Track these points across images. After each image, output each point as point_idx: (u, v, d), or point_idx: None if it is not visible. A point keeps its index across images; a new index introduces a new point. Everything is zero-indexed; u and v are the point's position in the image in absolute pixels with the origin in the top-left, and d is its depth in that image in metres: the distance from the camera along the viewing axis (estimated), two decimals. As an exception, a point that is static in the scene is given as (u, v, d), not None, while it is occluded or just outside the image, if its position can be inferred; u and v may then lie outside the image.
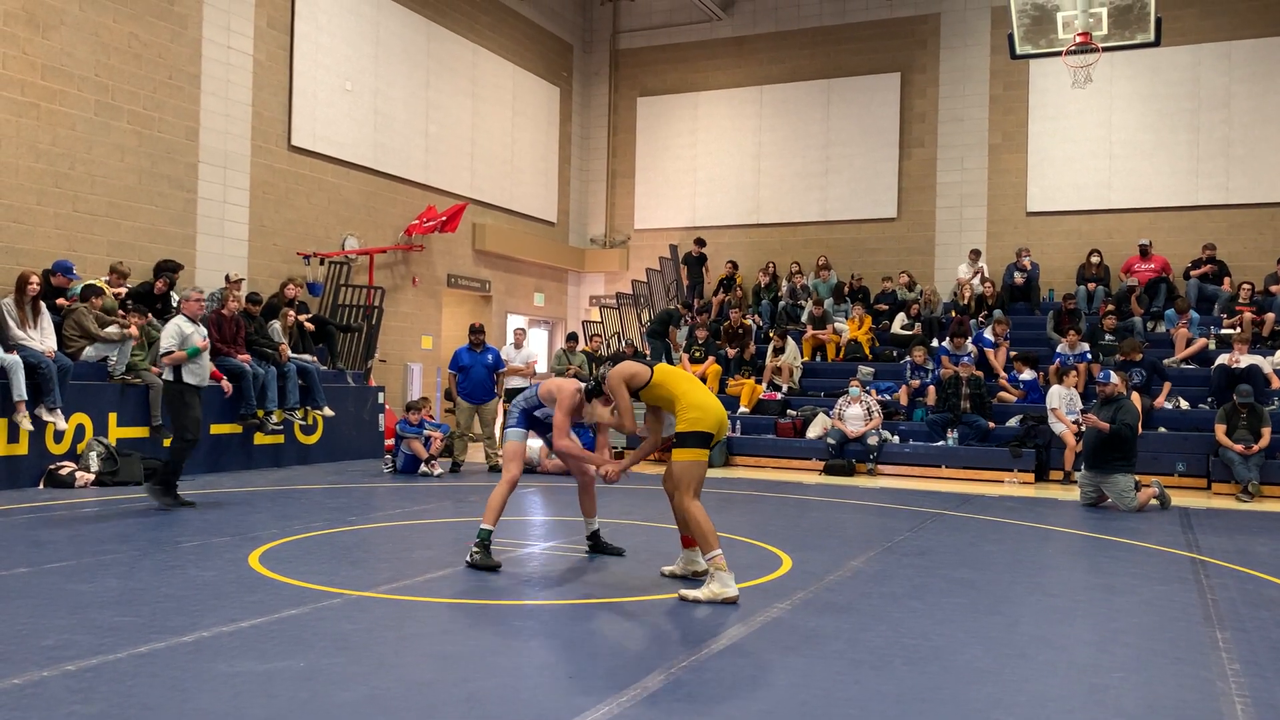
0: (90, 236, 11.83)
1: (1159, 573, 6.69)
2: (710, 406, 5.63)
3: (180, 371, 8.53)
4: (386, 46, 16.12)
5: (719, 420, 5.64)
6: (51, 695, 3.63)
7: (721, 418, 5.67)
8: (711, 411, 5.61)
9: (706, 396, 5.70)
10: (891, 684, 4.03)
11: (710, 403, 5.65)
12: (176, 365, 8.51)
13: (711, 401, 5.68)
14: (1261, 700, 3.92)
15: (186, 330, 8.54)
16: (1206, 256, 16.27)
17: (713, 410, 5.62)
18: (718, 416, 5.64)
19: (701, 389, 5.76)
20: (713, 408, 5.64)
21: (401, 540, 7.35)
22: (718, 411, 5.65)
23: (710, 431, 5.59)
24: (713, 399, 5.71)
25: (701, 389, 5.76)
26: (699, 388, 5.76)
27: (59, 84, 11.50)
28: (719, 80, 20.28)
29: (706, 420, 5.57)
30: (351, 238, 15.40)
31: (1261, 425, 11.69)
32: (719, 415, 5.65)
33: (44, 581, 5.50)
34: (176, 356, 8.49)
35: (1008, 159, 18.18)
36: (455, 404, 12.57)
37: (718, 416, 5.64)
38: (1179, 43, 16.88)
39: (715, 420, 5.62)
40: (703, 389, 5.77)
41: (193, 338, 8.55)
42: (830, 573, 6.31)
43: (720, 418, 5.66)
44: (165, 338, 8.58)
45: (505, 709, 3.62)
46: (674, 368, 5.98)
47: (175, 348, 8.50)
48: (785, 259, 19.06)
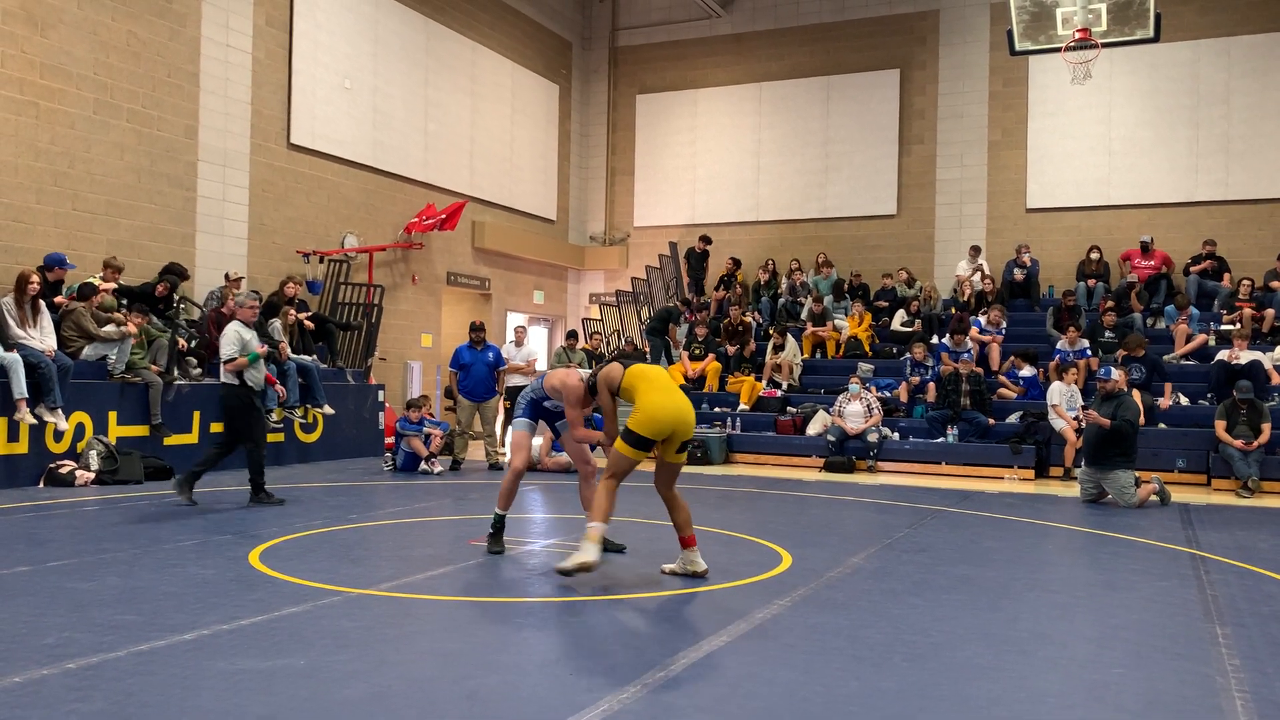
0: (89, 235, 11.83)
1: (1159, 569, 6.69)
2: (660, 417, 5.63)
3: (242, 377, 8.64)
4: (385, 44, 16.11)
5: (669, 427, 5.66)
6: (52, 693, 3.63)
7: (674, 424, 5.66)
8: (660, 420, 5.63)
9: (661, 404, 5.67)
10: (891, 680, 4.03)
11: (661, 413, 5.64)
12: (239, 371, 8.61)
13: (665, 411, 5.65)
14: (1261, 696, 3.93)
15: (245, 336, 8.68)
16: (1206, 252, 16.26)
17: (662, 419, 5.63)
18: (668, 424, 5.65)
19: (661, 394, 5.73)
20: (663, 417, 5.64)
21: (402, 538, 7.36)
22: (669, 419, 5.65)
23: (649, 437, 5.66)
24: (668, 406, 5.67)
25: (661, 394, 5.73)
26: (661, 393, 5.73)
27: (58, 82, 11.49)
28: (718, 77, 20.27)
29: (650, 427, 5.63)
30: (351, 236, 15.40)
31: (1261, 421, 11.69)
32: (670, 422, 5.65)
33: (44, 580, 5.51)
34: (239, 363, 8.58)
35: (1007, 155, 18.17)
36: (456, 402, 12.57)
37: (668, 424, 5.65)
38: (1178, 38, 16.87)
39: (661, 428, 5.65)
40: (663, 394, 5.73)
41: (251, 343, 8.69)
42: (830, 569, 6.32)
43: (671, 425, 5.66)
44: (226, 345, 8.65)
45: (506, 706, 3.63)
46: (648, 368, 5.95)
47: (237, 354, 8.59)
48: (785, 256, 19.05)
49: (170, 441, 11.02)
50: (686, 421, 5.74)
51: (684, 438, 5.78)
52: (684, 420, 5.72)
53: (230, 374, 8.63)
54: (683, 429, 5.74)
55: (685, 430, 5.75)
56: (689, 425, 5.76)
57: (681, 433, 5.74)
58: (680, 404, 5.73)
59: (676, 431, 5.71)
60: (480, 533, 7.45)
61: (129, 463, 10.17)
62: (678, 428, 5.71)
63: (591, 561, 5.53)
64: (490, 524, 6.68)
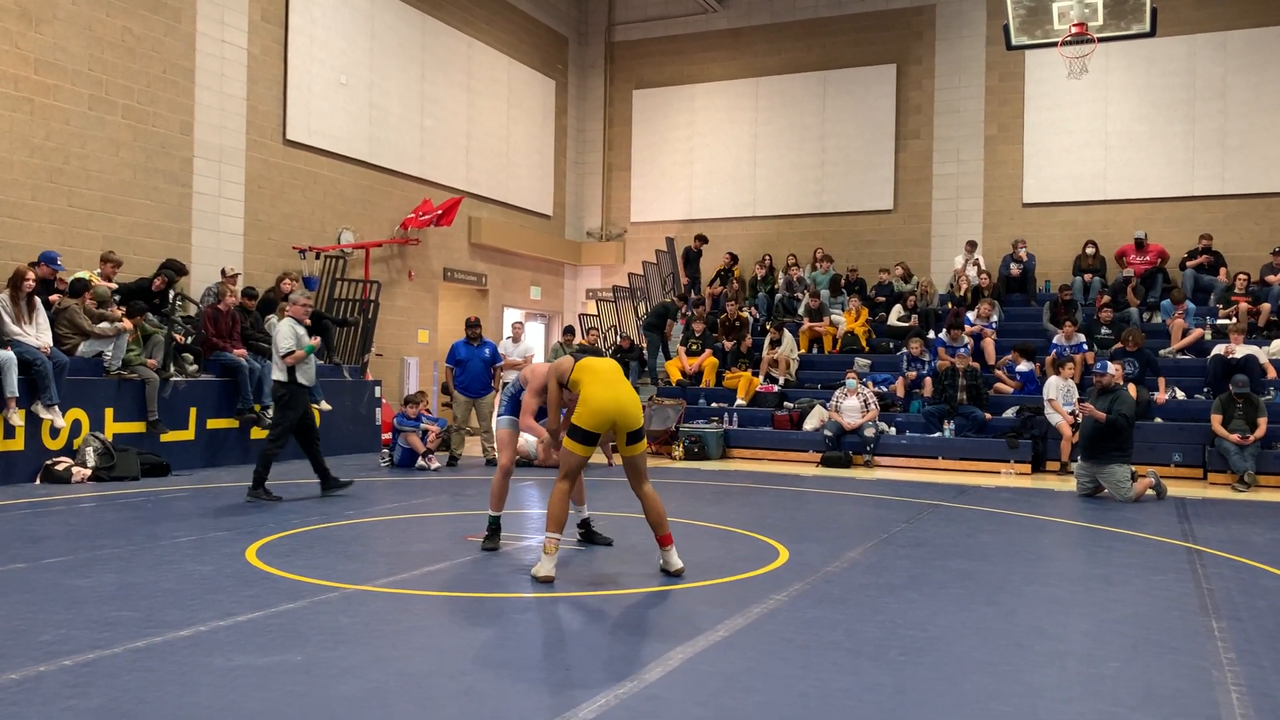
0: (85, 231, 11.81)
1: (1155, 563, 6.71)
2: (598, 408, 5.65)
3: (294, 372, 8.78)
4: (381, 40, 16.08)
5: (608, 418, 5.66)
6: (48, 690, 3.63)
7: (613, 414, 5.66)
8: (598, 412, 5.65)
9: (600, 395, 5.68)
10: (888, 675, 4.04)
11: (599, 404, 5.65)
12: (292, 366, 8.79)
13: (603, 402, 5.66)
14: (1257, 689, 3.94)
15: (299, 331, 8.86)
16: (1202, 247, 16.28)
17: (600, 411, 5.65)
18: (607, 415, 5.65)
19: (602, 387, 5.73)
20: (601, 409, 5.65)
21: (399, 534, 7.36)
22: (608, 411, 5.65)
23: (590, 430, 5.67)
24: (606, 398, 5.68)
25: (602, 387, 5.73)
26: (602, 385, 5.74)
27: (52, 78, 11.47)
28: (715, 72, 20.26)
29: (589, 419, 5.65)
30: (347, 232, 15.38)
31: (1258, 415, 11.71)
32: (609, 413, 5.65)
33: (41, 577, 5.50)
34: (297, 356, 8.76)
35: (1004, 150, 18.17)
36: (452, 398, 12.57)
37: (607, 415, 5.65)
38: (1174, 33, 16.87)
39: (595, 419, 5.65)
40: (604, 387, 5.73)
41: (304, 338, 8.86)
42: (827, 564, 6.32)
43: (611, 415, 5.65)
44: (283, 340, 8.79)
45: (503, 701, 3.63)
46: (597, 362, 5.95)
47: (295, 348, 8.75)
48: (781, 251, 19.04)
49: (167, 438, 11.01)
50: (626, 412, 5.70)
51: (628, 428, 5.72)
52: (624, 411, 5.69)
53: (283, 369, 8.78)
54: (624, 420, 5.70)
55: (626, 421, 5.70)
56: (629, 416, 5.71)
57: (624, 423, 5.70)
58: (620, 395, 5.72)
59: (618, 422, 5.68)
60: (478, 529, 7.46)
61: (125, 459, 10.16)
62: (618, 418, 5.68)
63: (547, 576, 5.53)
64: (486, 526, 6.69)
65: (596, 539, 6.81)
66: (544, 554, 5.60)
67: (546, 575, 5.54)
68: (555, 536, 5.62)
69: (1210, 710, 3.69)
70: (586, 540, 6.81)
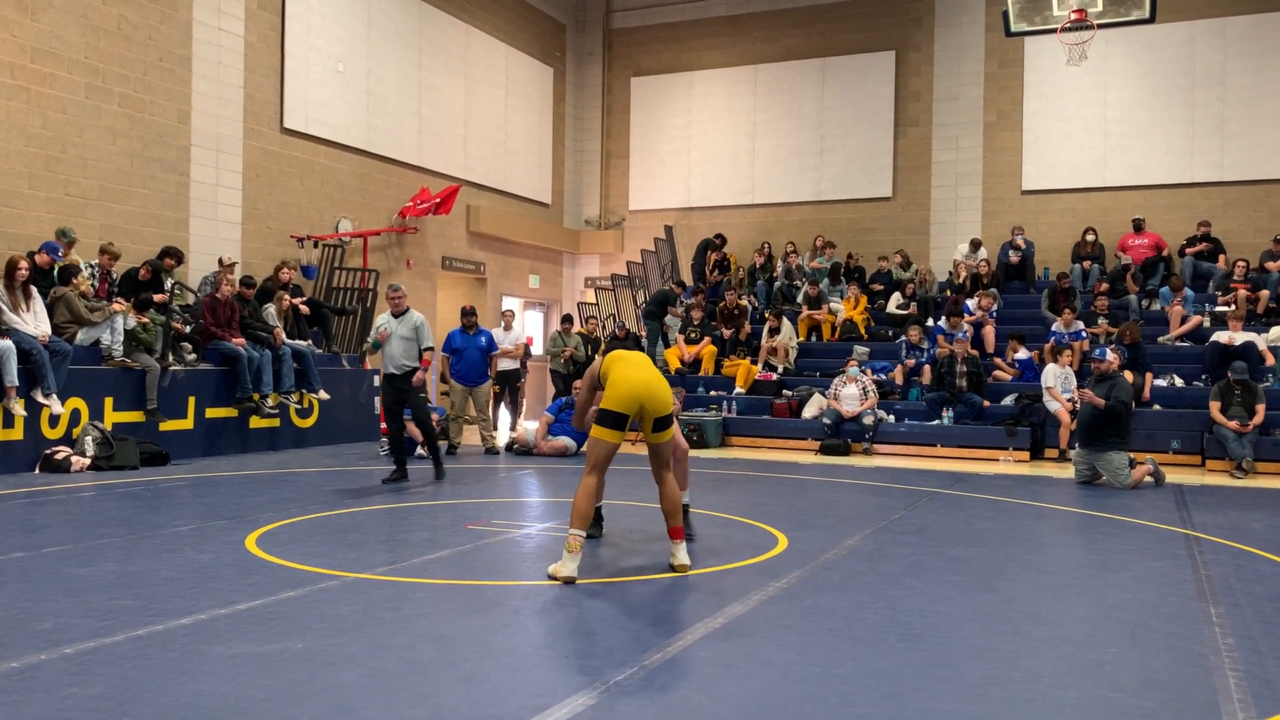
0: (82, 220, 11.78)
1: (1153, 549, 6.72)
2: (624, 389, 5.54)
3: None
4: (378, 27, 16.02)
5: (635, 399, 5.55)
6: (49, 678, 3.64)
7: (640, 396, 5.55)
8: (624, 393, 5.54)
9: (627, 376, 5.59)
10: (887, 661, 4.05)
11: (626, 384, 5.55)
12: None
13: (630, 383, 5.56)
14: (1255, 675, 3.95)
15: (378, 322, 9.60)
16: (1201, 234, 16.26)
17: (626, 392, 5.54)
18: (633, 396, 5.54)
19: (627, 371, 5.63)
20: (628, 389, 5.54)
21: (398, 522, 7.37)
22: (634, 392, 5.54)
23: (619, 411, 5.54)
24: (634, 378, 5.58)
25: (627, 371, 5.63)
26: (628, 370, 5.64)
27: (49, 67, 11.42)
28: (713, 60, 20.20)
29: (616, 401, 5.54)
30: (345, 220, 15.36)
31: (1256, 402, 11.72)
32: (636, 395, 5.54)
33: (41, 565, 5.51)
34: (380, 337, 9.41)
35: (1003, 137, 18.14)
36: (449, 386, 12.57)
37: (633, 396, 5.54)
38: (1174, 19, 16.82)
39: (622, 401, 5.54)
40: (630, 371, 5.63)
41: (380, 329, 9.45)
42: (826, 551, 6.34)
43: (637, 397, 5.54)
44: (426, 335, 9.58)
45: (503, 688, 3.64)
46: (628, 353, 5.86)
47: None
48: (780, 239, 19.02)
49: (166, 427, 11.01)
50: (655, 395, 5.59)
51: (656, 413, 5.60)
52: (651, 394, 5.57)
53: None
54: (652, 404, 5.58)
55: (655, 405, 5.59)
56: (658, 399, 5.60)
57: (652, 408, 5.58)
58: (649, 378, 5.61)
59: (645, 406, 5.57)
60: (475, 516, 7.48)
61: (125, 448, 10.16)
62: (645, 401, 5.56)
63: (568, 577, 5.32)
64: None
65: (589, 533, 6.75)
66: (566, 552, 5.39)
67: (567, 576, 5.31)
68: (579, 534, 5.41)
69: (1208, 695, 3.70)
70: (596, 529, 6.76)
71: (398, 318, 9.54)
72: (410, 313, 9.60)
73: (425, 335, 9.57)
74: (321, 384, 12.82)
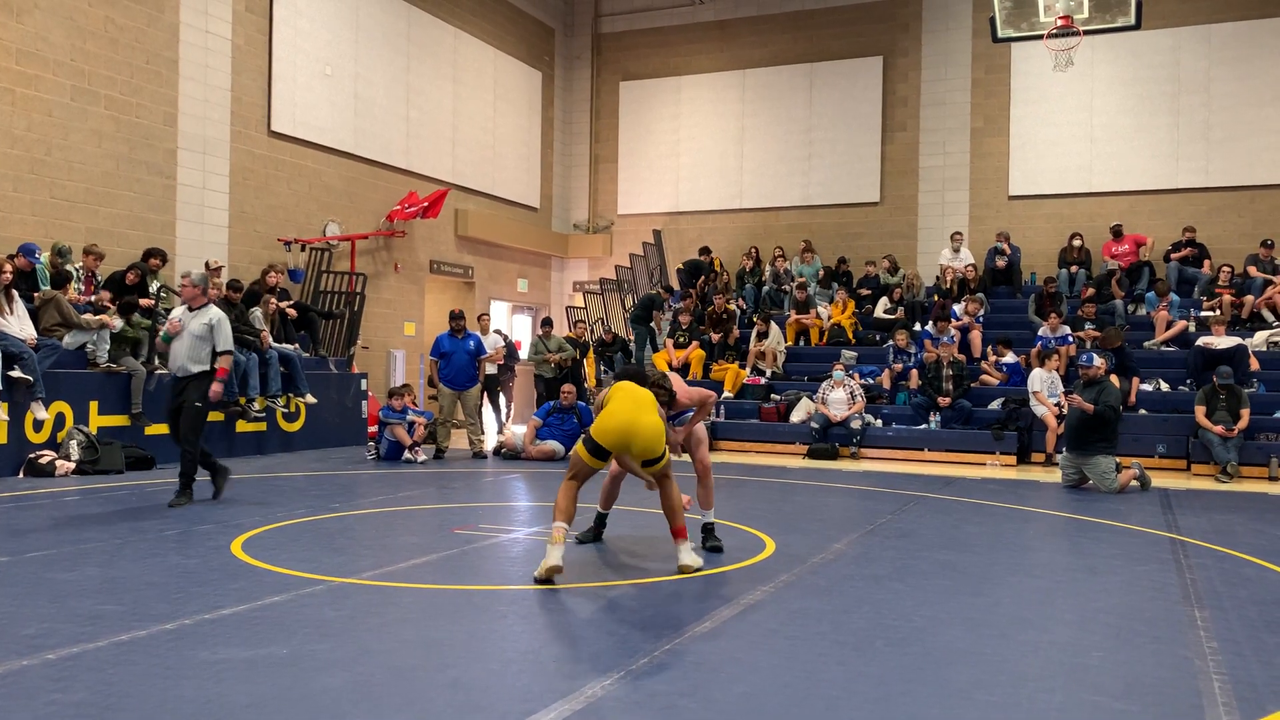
0: (68, 223, 11.72)
1: (1139, 553, 6.75)
2: (608, 425, 5.57)
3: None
4: (366, 30, 16.00)
5: (613, 436, 5.56)
6: (31, 684, 3.61)
7: (619, 435, 5.56)
8: (606, 429, 5.57)
9: (614, 412, 5.60)
10: (874, 665, 4.05)
11: (611, 421, 5.57)
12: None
13: (613, 419, 5.56)
14: (1239, 678, 3.96)
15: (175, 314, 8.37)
16: (1186, 239, 16.36)
17: (608, 428, 5.57)
18: (613, 433, 5.55)
19: (627, 407, 5.63)
20: (610, 426, 5.57)
21: (385, 527, 7.34)
22: (614, 429, 5.55)
23: (601, 444, 5.59)
24: (618, 415, 5.58)
25: (627, 407, 5.63)
26: (627, 405, 5.64)
27: (34, 69, 11.37)
28: (701, 64, 20.23)
29: (600, 433, 5.58)
30: (333, 224, 15.32)
31: (1241, 407, 11.78)
32: (615, 432, 5.55)
33: (24, 570, 5.47)
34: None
35: (990, 143, 18.21)
36: (437, 390, 12.55)
37: (613, 433, 5.55)
38: (1159, 26, 16.92)
39: (606, 436, 5.56)
40: (629, 408, 5.62)
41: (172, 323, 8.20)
42: (813, 555, 6.34)
43: (616, 435, 5.56)
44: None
45: (489, 694, 3.63)
46: (632, 387, 5.82)
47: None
48: (768, 243, 19.05)
49: (151, 431, 10.94)
50: (641, 438, 5.55)
51: (642, 456, 5.61)
52: (629, 432, 5.54)
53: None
54: (638, 447, 5.57)
55: (638, 446, 5.57)
56: (644, 442, 5.56)
57: (638, 451, 5.58)
58: (640, 420, 5.56)
59: (629, 445, 5.57)
60: (462, 520, 7.46)
61: (110, 452, 10.10)
62: (628, 441, 5.56)
63: (553, 565, 5.34)
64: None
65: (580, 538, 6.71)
66: (549, 544, 5.41)
67: (552, 565, 5.31)
68: (561, 526, 5.44)
69: (1193, 699, 3.72)
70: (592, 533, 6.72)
71: (192, 311, 8.03)
72: (209, 307, 8.07)
73: (222, 337, 7.98)
74: (308, 388, 12.78)
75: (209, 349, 7.95)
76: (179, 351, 7.96)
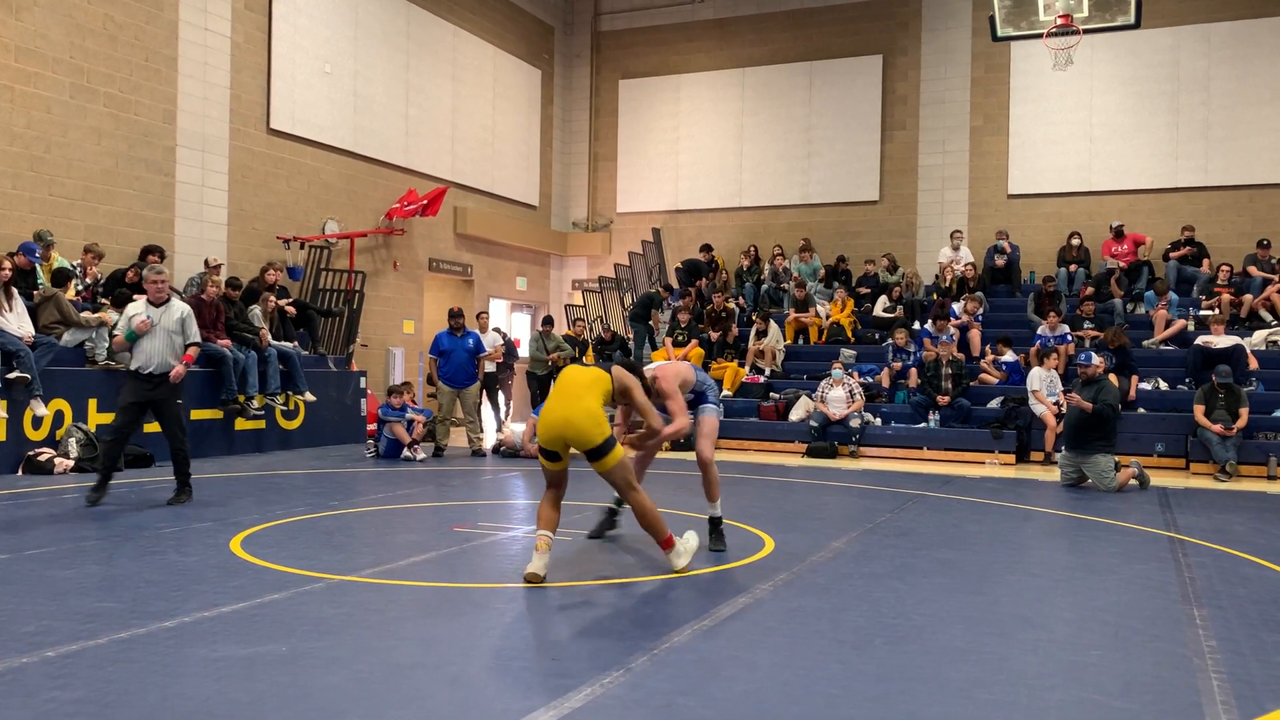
0: (67, 220, 11.71)
1: (1138, 552, 6.75)
2: (544, 424, 5.42)
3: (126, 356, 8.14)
4: (366, 28, 15.99)
5: (547, 432, 5.41)
6: (31, 682, 3.61)
7: (553, 430, 5.37)
8: (543, 429, 5.43)
9: (550, 411, 5.42)
10: (873, 663, 4.05)
11: (547, 421, 5.40)
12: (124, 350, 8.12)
13: (552, 420, 5.38)
14: (1237, 676, 3.97)
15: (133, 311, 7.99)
16: (1185, 238, 16.36)
17: (544, 428, 5.42)
18: (545, 428, 5.42)
19: (557, 401, 5.44)
20: (544, 425, 5.41)
21: (384, 525, 7.34)
22: (554, 427, 5.37)
23: (542, 445, 5.47)
24: (557, 417, 5.36)
25: (557, 401, 5.44)
26: (557, 399, 5.47)
27: (33, 66, 11.36)
28: (701, 63, 20.22)
29: (539, 432, 5.46)
30: (332, 222, 15.31)
31: (1239, 406, 11.79)
32: (547, 426, 5.40)
33: (23, 568, 5.47)
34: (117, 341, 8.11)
35: (989, 142, 18.21)
36: (437, 388, 12.55)
37: (545, 428, 5.42)
38: (1159, 25, 16.92)
39: (542, 435, 5.44)
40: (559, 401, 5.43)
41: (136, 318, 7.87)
42: (812, 554, 6.34)
43: (550, 430, 5.38)
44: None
45: (488, 691, 3.63)
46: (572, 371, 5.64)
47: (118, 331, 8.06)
48: (767, 242, 19.05)
49: (150, 429, 10.92)
50: (573, 428, 5.31)
51: (580, 448, 5.36)
52: (570, 427, 5.31)
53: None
54: (572, 439, 5.34)
55: (574, 440, 5.34)
56: (579, 435, 5.32)
57: (573, 442, 5.36)
58: (570, 412, 5.33)
59: (567, 439, 5.36)
60: (461, 518, 7.46)
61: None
62: (562, 434, 5.35)
63: (531, 573, 5.28)
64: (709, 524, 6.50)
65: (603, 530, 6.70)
66: (535, 551, 5.40)
67: (530, 572, 5.29)
68: (543, 534, 5.42)
69: (1191, 697, 3.72)
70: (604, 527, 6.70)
71: (159, 307, 7.93)
72: (173, 302, 7.99)
73: (192, 330, 8.03)
74: (307, 386, 12.77)
75: (181, 343, 7.93)
76: (155, 348, 7.83)
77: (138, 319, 7.77)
